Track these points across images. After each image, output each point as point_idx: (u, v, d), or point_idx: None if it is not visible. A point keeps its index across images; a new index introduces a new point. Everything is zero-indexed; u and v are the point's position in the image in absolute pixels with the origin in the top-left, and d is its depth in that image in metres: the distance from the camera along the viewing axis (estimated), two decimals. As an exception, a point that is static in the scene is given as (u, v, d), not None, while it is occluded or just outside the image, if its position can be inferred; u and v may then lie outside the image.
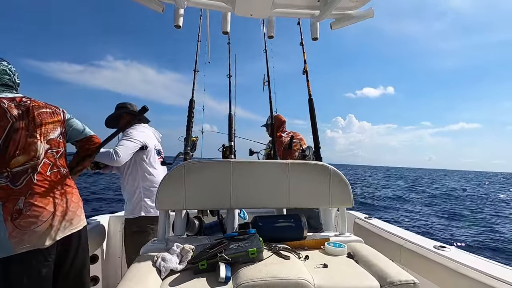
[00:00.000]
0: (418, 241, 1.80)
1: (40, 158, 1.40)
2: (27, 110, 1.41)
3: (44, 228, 1.32)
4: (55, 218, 1.36)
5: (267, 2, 1.57)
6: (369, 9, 1.74)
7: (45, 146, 1.43)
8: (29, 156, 1.36)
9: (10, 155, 1.31)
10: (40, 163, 1.39)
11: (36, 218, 1.31)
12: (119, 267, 2.46)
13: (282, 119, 3.25)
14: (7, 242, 1.23)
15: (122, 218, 2.44)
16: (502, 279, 1.28)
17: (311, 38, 2.01)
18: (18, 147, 1.34)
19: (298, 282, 1.13)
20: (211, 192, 1.68)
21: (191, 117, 2.19)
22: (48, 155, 1.44)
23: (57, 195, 1.41)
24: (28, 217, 1.29)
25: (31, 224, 1.29)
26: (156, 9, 1.64)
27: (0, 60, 1.48)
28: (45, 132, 1.45)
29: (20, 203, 1.29)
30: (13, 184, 1.30)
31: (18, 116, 1.36)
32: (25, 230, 1.27)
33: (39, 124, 1.42)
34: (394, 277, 1.20)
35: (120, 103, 2.40)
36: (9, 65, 1.50)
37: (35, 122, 1.41)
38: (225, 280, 1.15)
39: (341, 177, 1.77)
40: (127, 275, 1.17)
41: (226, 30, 2.00)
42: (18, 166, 1.32)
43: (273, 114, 2.68)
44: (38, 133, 1.41)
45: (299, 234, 1.64)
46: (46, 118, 1.47)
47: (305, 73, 2.38)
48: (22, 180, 1.32)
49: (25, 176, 1.34)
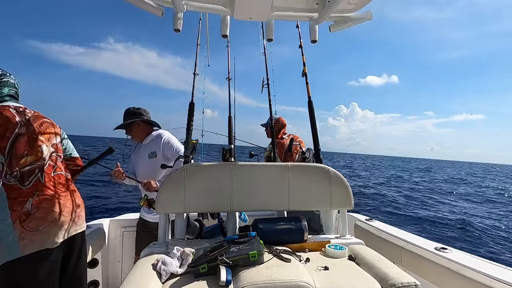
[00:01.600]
0: (419, 243, 1.80)
1: (46, 159, 1.48)
2: (30, 118, 1.51)
3: (51, 229, 1.37)
4: (61, 218, 1.42)
5: (266, 6, 1.57)
6: (367, 12, 1.75)
7: (50, 149, 1.52)
8: (36, 156, 1.44)
9: (20, 154, 1.38)
10: (46, 164, 1.47)
11: (43, 219, 1.35)
12: (119, 271, 2.45)
13: (284, 122, 3.24)
14: (16, 244, 1.27)
15: (122, 222, 2.43)
16: (502, 280, 1.27)
17: (310, 41, 2.02)
18: (26, 147, 1.41)
19: (299, 285, 1.12)
20: (211, 195, 1.68)
21: (191, 120, 2.19)
22: (52, 158, 1.53)
23: (62, 196, 1.47)
24: (36, 219, 1.33)
25: (39, 225, 1.33)
26: (155, 12, 1.64)
27: (9, 74, 1.58)
28: (48, 137, 1.55)
29: (28, 205, 1.34)
30: (21, 184, 1.35)
31: (24, 121, 1.47)
32: (33, 231, 1.31)
33: (42, 131, 1.53)
34: (396, 279, 1.19)
35: (133, 108, 2.37)
36: (15, 80, 1.61)
37: (39, 129, 1.51)
38: (225, 283, 1.14)
39: (341, 179, 1.77)
40: (127, 279, 1.16)
41: (225, 34, 2.00)
42: (27, 165, 1.39)
43: (273, 117, 2.69)
44: (43, 137, 1.51)
45: (300, 237, 1.63)
46: (48, 127, 1.58)
47: (305, 75, 2.38)
48: (30, 180, 1.38)
49: (33, 176, 1.40)
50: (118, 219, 2.48)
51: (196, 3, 1.70)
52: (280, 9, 1.74)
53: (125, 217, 2.53)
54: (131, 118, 2.31)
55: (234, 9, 1.61)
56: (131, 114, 2.34)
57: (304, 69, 2.40)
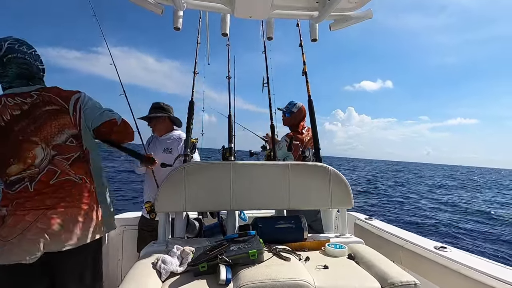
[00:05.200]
0: (418, 242, 1.80)
1: (40, 166, 1.24)
2: (29, 109, 1.24)
3: (20, 240, 1.15)
4: (31, 230, 1.17)
5: (267, 4, 1.57)
6: (368, 10, 1.75)
7: (50, 152, 1.26)
8: (25, 164, 1.21)
9: (6, 163, 1.21)
10: (41, 171, 1.24)
11: (14, 228, 1.17)
12: (119, 270, 2.45)
13: (305, 111, 2.66)
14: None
15: (122, 221, 2.43)
16: (502, 279, 1.27)
17: (310, 40, 2.01)
18: (12, 154, 1.20)
19: (298, 284, 1.12)
20: (211, 194, 1.68)
21: (191, 118, 2.19)
22: (55, 162, 1.27)
23: (48, 206, 1.22)
24: (7, 227, 1.17)
25: (9, 235, 1.15)
26: (155, 11, 1.64)
27: (19, 45, 1.28)
28: (48, 135, 1.27)
29: (4, 210, 1.18)
30: (9, 189, 1.22)
31: (12, 118, 1.22)
32: (3, 240, 1.15)
33: (39, 126, 1.25)
34: (395, 278, 1.19)
35: (162, 104, 2.45)
36: (29, 49, 1.30)
37: (36, 123, 1.24)
38: (225, 282, 1.14)
39: (341, 178, 1.77)
40: (127, 278, 1.16)
41: (225, 32, 2.00)
42: (13, 175, 1.21)
43: (294, 104, 2.63)
44: (38, 137, 1.24)
45: (300, 236, 1.63)
46: (50, 118, 1.27)
47: (305, 74, 2.38)
48: (16, 187, 1.22)
49: (20, 184, 1.22)
50: (118, 218, 2.48)
51: (196, 1, 1.69)
52: (280, 8, 1.73)
53: (125, 216, 2.53)
54: (159, 112, 2.40)
55: (234, 8, 1.60)
56: (160, 108, 2.44)
57: (304, 68, 2.39)
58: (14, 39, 1.29)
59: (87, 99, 1.39)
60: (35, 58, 1.34)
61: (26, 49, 1.30)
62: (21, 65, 1.27)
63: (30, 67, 1.31)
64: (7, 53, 1.24)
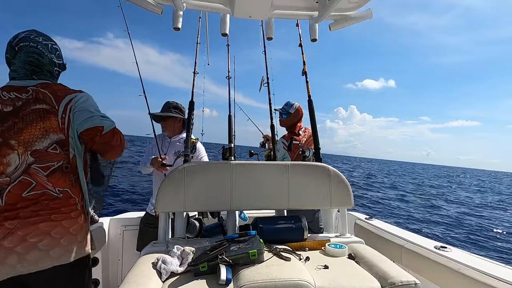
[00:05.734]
0: (419, 242, 1.80)
1: (12, 176, 1.08)
2: (20, 106, 1.11)
3: None
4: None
5: (266, 4, 1.57)
6: (367, 10, 1.75)
7: (27, 159, 1.10)
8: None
9: None
10: (12, 182, 1.08)
11: None
12: (120, 270, 2.45)
13: (302, 112, 2.63)
14: None
15: (122, 221, 2.43)
16: (502, 279, 1.27)
17: (310, 40, 2.01)
18: None
19: (299, 284, 1.12)
20: (211, 194, 1.68)
21: (191, 118, 2.19)
22: (31, 172, 1.10)
23: (16, 222, 1.07)
24: None
25: None
26: (155, 11, 1.64)
27: (36, 35, 1.20)
28: (29, 139, 1.11)
29: None
30: None
31: (1, 115, 1.10)
32: None
33: (23, 127, 1.11)
34: (395, 277, 1.19)
35: (177, 104, 2.41)
36: (45, 41, 1.20)
37: (22, 123, 1.10)
38: (226, 282, 1.14)
39: (341, 178, 1.77)
40: (128, 278, 1.16)
41: (225, 32, 2.00)
42: None
43: (291, 104, 2.61)
44: (17, 140, 1.10)
45: (300, 236, 1.63)
46: (36, 119, 1.12)
47: (304, 74, 2.38)
48: None
49: None
50: (118, 218, 2.48)
51: (195, 1, 1.70)
52: (280, 8, 1.74)
53: (126, 216, 2.53)
54: (174, 112, 2.35)
55: (234, 8, 1.61)
56: (176, 108, 2.39)
57: (304, 67, 2.39)
58: (34, 30, 1.23)
59: (82, 100, 1.22)
60: (51, 50, 1.24)
61: (42, 39, 1.22)
62: (31, 53, 1.18)
63: (40, 57, 1.20)
64: (21, 42, 1.18)
